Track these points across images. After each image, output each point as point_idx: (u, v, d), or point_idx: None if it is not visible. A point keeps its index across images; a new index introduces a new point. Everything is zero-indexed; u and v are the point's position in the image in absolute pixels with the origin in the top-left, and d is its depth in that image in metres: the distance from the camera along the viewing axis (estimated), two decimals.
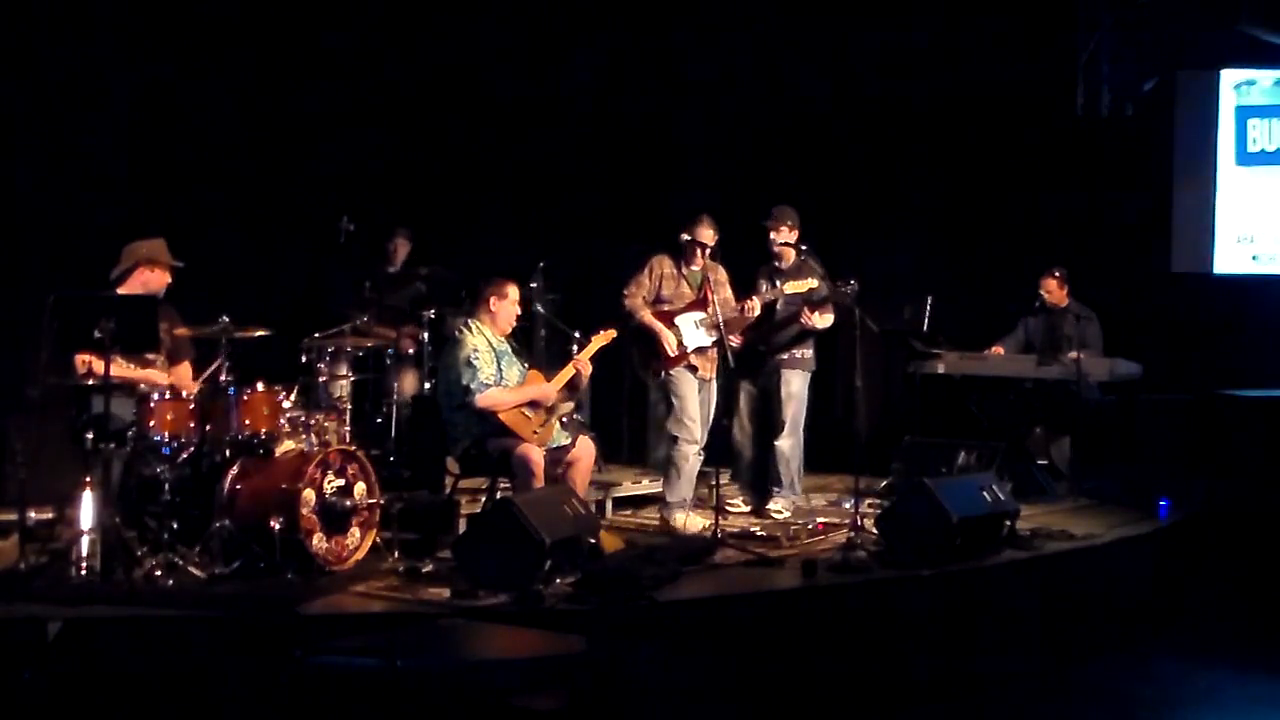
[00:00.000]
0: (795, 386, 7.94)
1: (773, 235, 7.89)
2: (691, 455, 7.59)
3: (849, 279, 7.68)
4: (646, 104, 10.07)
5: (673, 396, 7.60)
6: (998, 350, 9.02)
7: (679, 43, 9.96)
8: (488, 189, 9.71)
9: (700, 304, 7.66)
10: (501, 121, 9.74)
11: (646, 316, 7.60)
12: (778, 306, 7.93)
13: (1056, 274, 9.00)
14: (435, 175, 9.51)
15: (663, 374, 7.63)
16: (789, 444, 7.94)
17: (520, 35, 9.69)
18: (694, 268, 7.72)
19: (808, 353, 8.02)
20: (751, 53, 10.06)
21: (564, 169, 9.89)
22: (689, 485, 7.64)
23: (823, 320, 7.90)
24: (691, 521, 7.49)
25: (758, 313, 7.77)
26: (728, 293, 7.76)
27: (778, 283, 7.87)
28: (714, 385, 7.75)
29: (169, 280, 6.63)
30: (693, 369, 7.62)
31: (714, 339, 7.61)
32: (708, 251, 7.70)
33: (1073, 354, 8.58)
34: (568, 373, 7.07)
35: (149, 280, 6.56)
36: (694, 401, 7.60)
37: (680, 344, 7.58)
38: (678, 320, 7.62)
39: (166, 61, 8.46)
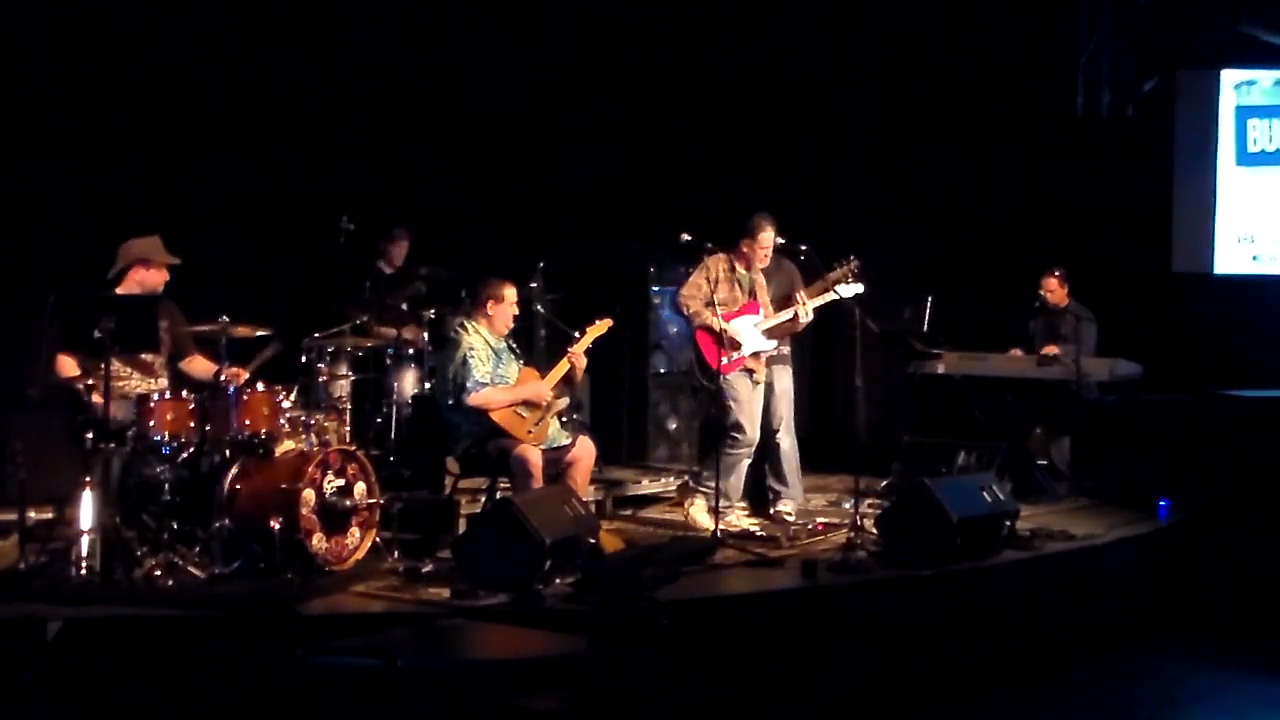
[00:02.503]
0: (785, 382, 7.93)
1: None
2: (744, 458, 7.57)
3: (847, 257, 7.69)
4: (646, 103, 10.07)
5: (729, 400, 7.50)
6: (1016, 353, 8.99)
7: (677, 42, 9.95)
8: (488, 189, 9.70)
9: (754, 308, 7.66)
10: (501, 122, 9.74)
11: (712, 319, 7.51)
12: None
13: (1057, 273, 9.00)
14: (435, 175, 9.51)
15: (721, 377, 7.49)
16: (789, 441, 7.90)
17: (519, 34, 9.69)
18: (747, 271, 7.68)
19: (786, 347, 8.00)
20: (752, 53, 10.06)
21: (564, 169, 9.89)
22: (734, 487, 7.62)
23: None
24: (704, 516, 7.47)
25: (810, 319, 7.72)
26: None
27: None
28: (762, 387, 7.71)
29: (166, 278, 6.62)
30: (749, 372, 7.58)
31: (773, 343, 7.64)
32: (768, 255, 7.67)
33: (1051, 349, 8.59)
34: (563, 367, 7.06)
35: (145, 279, 6.55)
36: (750, 405, 7.57)
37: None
38: (735, 323, 7.55)
39: (166, 59, 8.45)
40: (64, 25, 8.10)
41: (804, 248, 7.86)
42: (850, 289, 7.69)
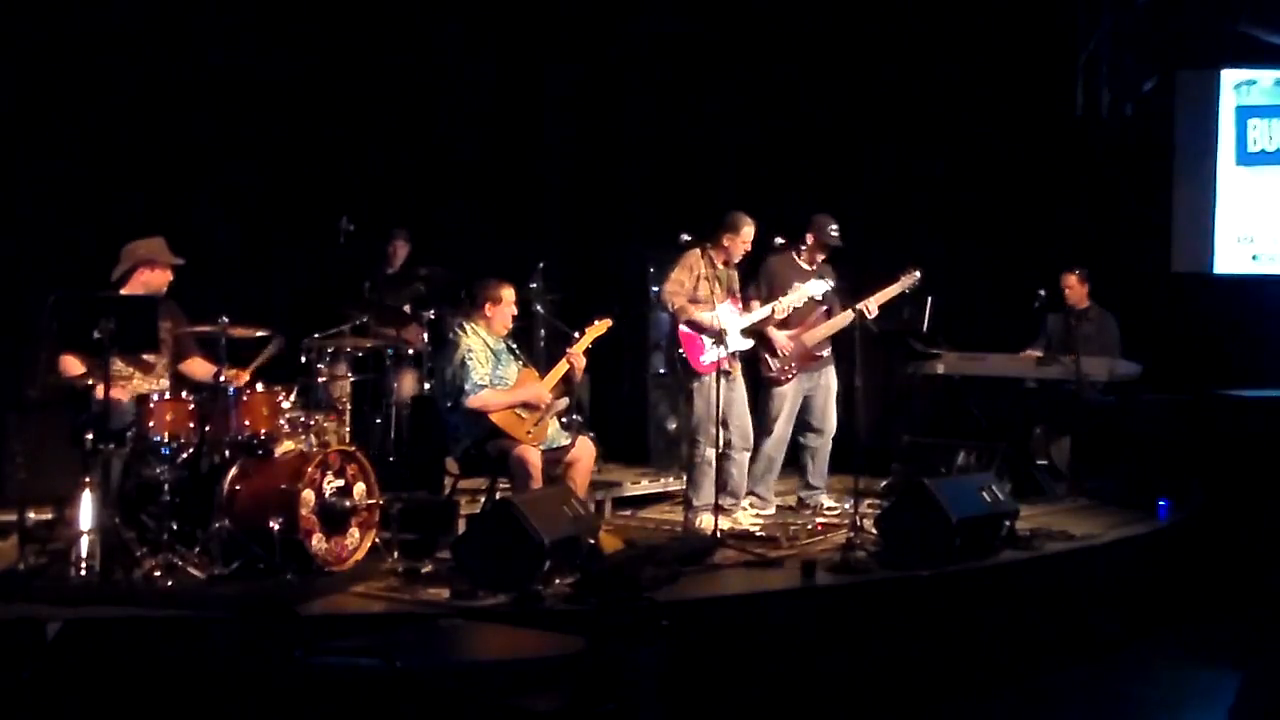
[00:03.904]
0: (835, 384, 8.07)
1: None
2: (734, 455, 7.60)
3: (906, 266, 7.91)
4: (646, 103, 10.07)
5: (700, 400, 7.49)
6: (1032, 354, 8.98)
7: (674, 39, 9.96)
8: (488, 189, 9.70)
9: (733, 305, 7.65)
10: (501, 122, 9.75)
11: (698, 315, 7.48)
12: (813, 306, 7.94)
13: (1077, 272, 9.00)
14: (435, 175, 9.51)
15: (699, 377, 7.51)
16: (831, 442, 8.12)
17: (516, 34, 9.70)
18: (725, 267, 7.67)
19: (828, 349, 8.12)
20: (753, 52, 10.06)
21: (563, 169, 9.89)
22: (736, 487, 7.67)
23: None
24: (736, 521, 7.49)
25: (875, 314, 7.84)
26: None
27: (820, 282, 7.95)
28: (741, 383, 7.73)
29: (170, 279, 6.64)
30: (725, 372, 7.54)
31: (750, 342, 7.65)
32: (747, 250, 7.68)
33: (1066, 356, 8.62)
34: (561, 368, 7.05)
35: (150, 280, 6.57)
36: (732, 406, 7.56)
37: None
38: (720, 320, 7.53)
39: (167, 60, 8.45)
40: (65, 24, 8.10)
41: (804, 248, 7.90)
42: (819, 285, 7.77)
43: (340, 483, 6.35)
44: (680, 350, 7.57)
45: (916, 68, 10.06)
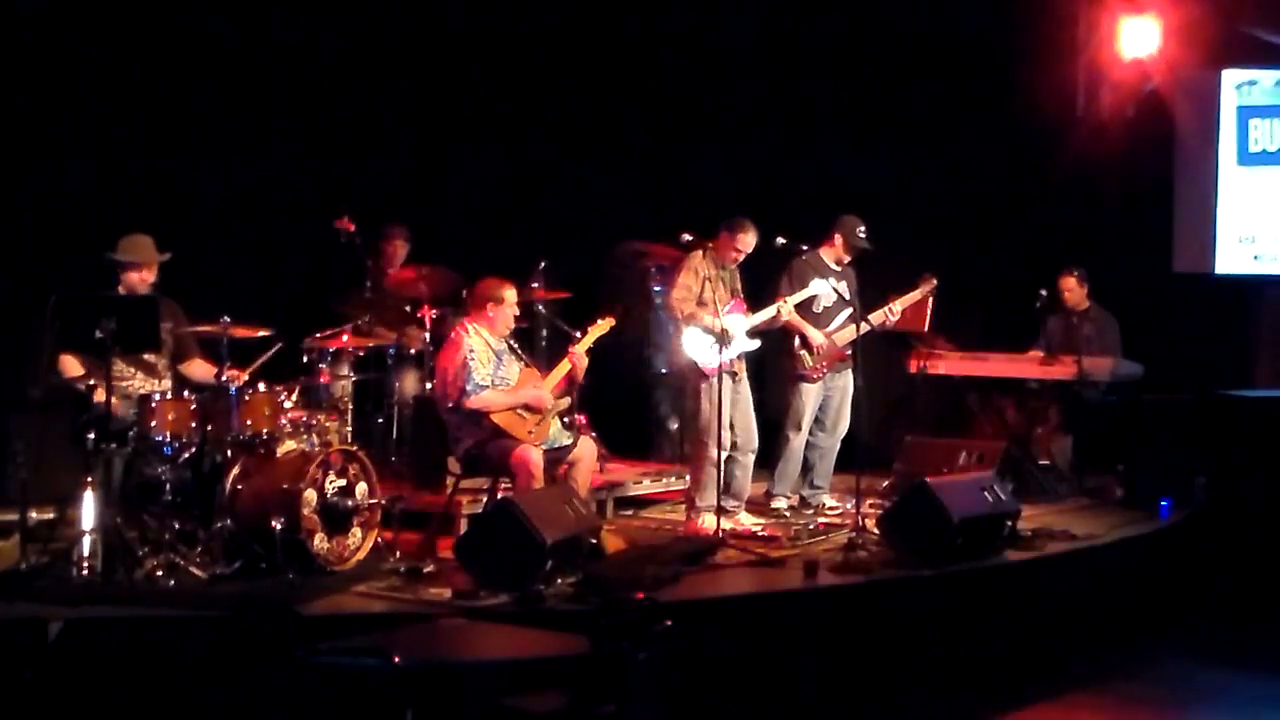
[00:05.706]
0: (853, 385, 8.06)
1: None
2: (739, 458, 7.61)
3: (928, 274, 8.11)
4: (647, 102, 10.07)
5: (706, 401, 7.48)
6: (1034, 354, 8.98)
7: (677, 40, 9.96)
8: (488, 189, 9.70)
9: (739, 307, 7.65)
10: (501, 121, 9.74)
11: (707, 320, 7.45)
12: (842, 305, 7.99)
13: (1076, 273, 9.00)
14: (435, 175, 9.51)
15: (707, 379, 7.50)
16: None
17: (517, 35, 9.70)
18: (728, 267, 7.67)
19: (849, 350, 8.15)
20: (752, 53, 10.06)
21: (563, 168, 9.89)
22: (741, 488, 7.69)
23: None
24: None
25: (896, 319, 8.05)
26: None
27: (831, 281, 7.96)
28: (747, 385, 7.73)
29: (151, 279, 6.61)
30: (733, 374, 7.56)
31: (757, 343, 7.66)
32: (741, 255, 7.67)
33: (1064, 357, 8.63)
34: (564, 368, 7.04)
35: (129, 279, 6.56)
36: (736, 406, 7.57)
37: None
38: (726, 323, 7.51)
39: (166, 60, 8.45)
40: (64, 25, 8.10)
41: (804, 248, 7.90)
42: (822, 285, 7.82)
43: (342, 482, 6.35)
44: (689, 354, 7.58)
45: (918, 68, 10.06)
